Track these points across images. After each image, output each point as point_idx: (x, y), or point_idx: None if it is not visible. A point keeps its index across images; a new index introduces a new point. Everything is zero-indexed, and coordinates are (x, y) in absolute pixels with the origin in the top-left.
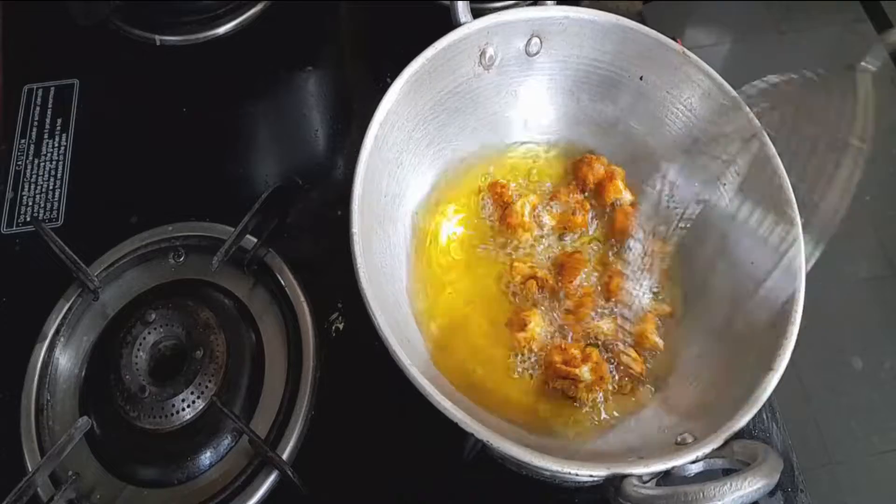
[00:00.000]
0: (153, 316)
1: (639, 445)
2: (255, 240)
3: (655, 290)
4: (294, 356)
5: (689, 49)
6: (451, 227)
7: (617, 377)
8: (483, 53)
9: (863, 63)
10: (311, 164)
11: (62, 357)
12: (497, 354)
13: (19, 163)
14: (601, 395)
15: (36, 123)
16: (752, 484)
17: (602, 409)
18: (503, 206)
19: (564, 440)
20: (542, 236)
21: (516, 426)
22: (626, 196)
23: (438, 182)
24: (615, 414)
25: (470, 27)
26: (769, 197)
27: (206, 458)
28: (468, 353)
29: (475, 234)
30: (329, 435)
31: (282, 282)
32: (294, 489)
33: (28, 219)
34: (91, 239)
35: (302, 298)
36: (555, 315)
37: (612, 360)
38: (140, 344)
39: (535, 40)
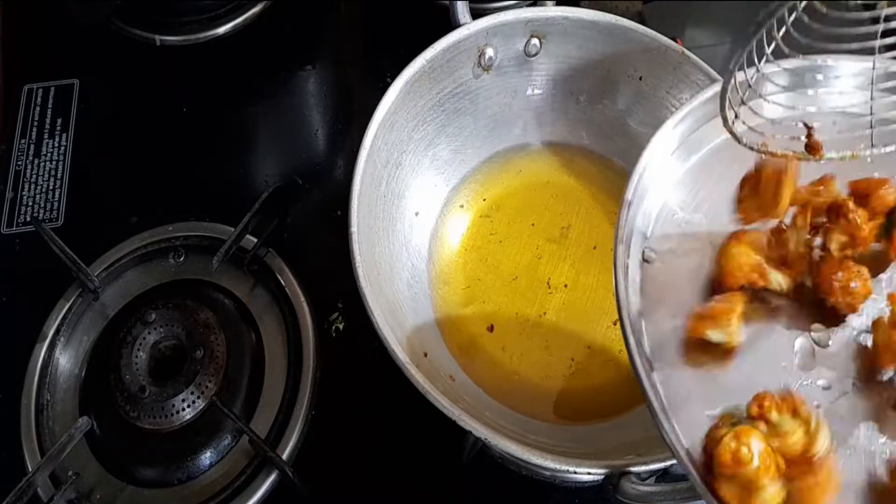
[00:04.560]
0: (153, 316)
1: (638, 443)
2: (255, 240)
3: None
4: (294, 356)
5: (689, 49)
6: (463, 223)
7: None
8: (482, 54)
9: None
10: (311, 164)
11: (62, 357)
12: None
13: (19, 163)
14: None
15: (36, 123)
16: None
17: None
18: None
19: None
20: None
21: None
22: None
23: (442, 182)
24: None
25: (469, 28)
26: None
27: (206, 458)
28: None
29: (490, 228)
30: (329, 435)
31: (282, 282)
32: (294, 489)
33: (28, 219)
34: (91, 239)
35: (302, 298)
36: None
37: None
38: (140, 344)
39: (535, 41)
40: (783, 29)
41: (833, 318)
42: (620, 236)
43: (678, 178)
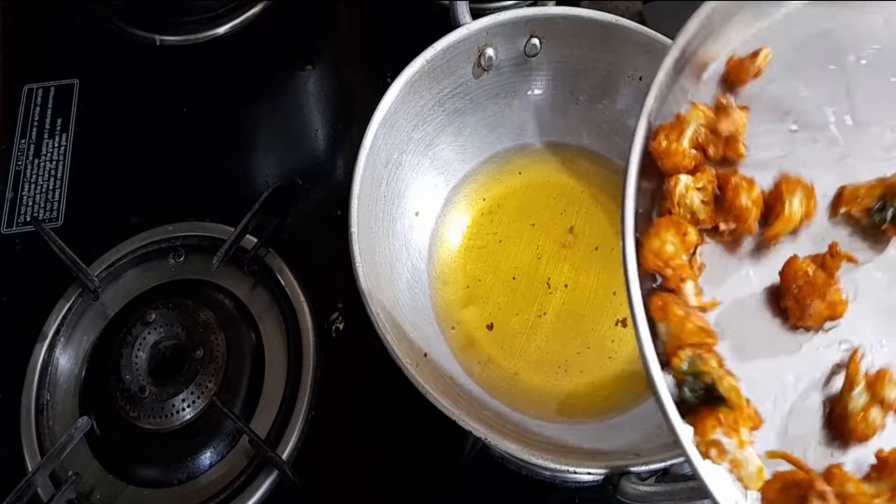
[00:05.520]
0: (153, 316)
1: (638, 443)
2: (255, 240)
3: None
4: (294, 356)
5: None
6: (463, 223)
7: None
8: (482, 54)
9: None
10: (311, 164)
11: (62, 357)
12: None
13: (19, 163)
14: None
15: (36, 123)
16: None
17: None
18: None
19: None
20: None
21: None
22: None
23: (442, 182)
24: None
25: (469, 28)
26: None
27: (206, 458)
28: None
29: (490, 228)
30: (329, 435)
31: (282, 282)
32: (294, 489)
33: (28, 219)
34: (91, 239)
35: (302, 298)
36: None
37: None
38: (140, 344)
39: (535, 41)
40: None
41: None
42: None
43: None
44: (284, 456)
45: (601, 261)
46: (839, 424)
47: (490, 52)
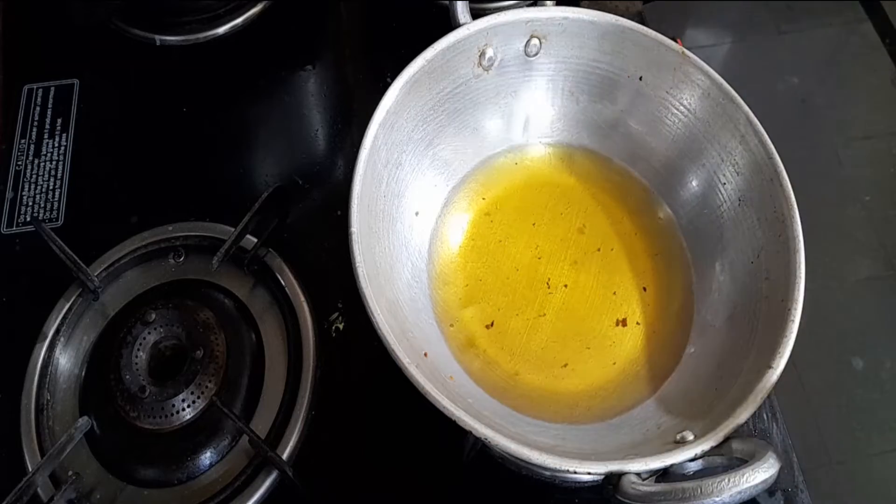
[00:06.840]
0: (153, 316)
1: (638, 443)
2: (255, 240)
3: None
4: (294, 356)
5: (689, 49)
6: (463, 223)
7: None
8: (482, 54)
9: None
10: (311, 164)
11: (62, 357)
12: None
13: (19, 163)
14: None
15: (36, 123)
16: (750, 480)
17: None
18: None
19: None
20: None
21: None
22: None
23: (442, 182)
24: None
25: (469, 28)
26: (768, 195)
27: (206, 458)
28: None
29: (490, 228)
30: (329, 435)
31: (282, 282)
32: (294, 489)
33: (28, 219)
34: (91, 239)
35: (302, 298)
36: None
37: None
38: (140, 344)
39: (535, 41)
40: None
41: None
42: None
43: None
44: (284, 456)
45: (601, 261)
46: None
47: (490, 52)
